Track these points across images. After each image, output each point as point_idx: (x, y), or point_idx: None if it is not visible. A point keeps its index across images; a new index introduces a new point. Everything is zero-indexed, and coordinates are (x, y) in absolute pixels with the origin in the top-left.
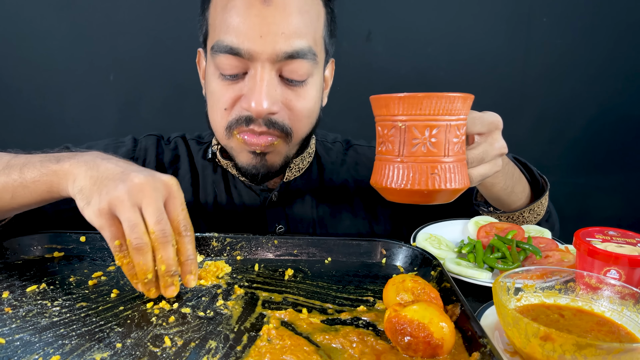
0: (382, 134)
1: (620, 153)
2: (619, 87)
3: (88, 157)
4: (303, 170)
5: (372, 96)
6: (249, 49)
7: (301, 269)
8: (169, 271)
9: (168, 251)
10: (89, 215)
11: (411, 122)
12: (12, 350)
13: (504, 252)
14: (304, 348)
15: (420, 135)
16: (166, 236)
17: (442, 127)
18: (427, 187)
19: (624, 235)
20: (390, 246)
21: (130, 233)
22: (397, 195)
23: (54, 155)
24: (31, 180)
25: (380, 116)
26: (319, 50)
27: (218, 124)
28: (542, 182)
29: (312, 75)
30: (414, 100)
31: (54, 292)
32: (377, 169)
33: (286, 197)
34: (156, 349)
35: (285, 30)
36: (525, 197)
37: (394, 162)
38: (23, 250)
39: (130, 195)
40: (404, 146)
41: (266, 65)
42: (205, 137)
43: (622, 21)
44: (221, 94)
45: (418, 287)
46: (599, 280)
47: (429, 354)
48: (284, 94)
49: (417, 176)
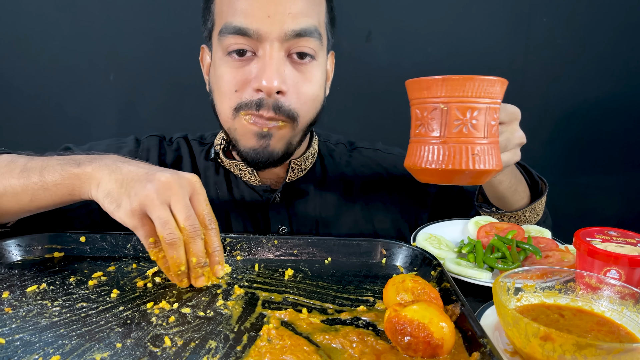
0: (421, 117)
1: (620, 153)
2: (618, 87)
3: (109, 161)
4: (306, 170)
5: (410, 80)
6: (258, 29)
7: (301, 269)
8: (200, 263)
9: (198, 244)
10: (122, 217)
11: (453, 103)
12: (12, 350)
13: (504, 252)
14: (304, 348)
15: (462, 117)
16: (196, 230)
17: (483, 109)
18: (467, 167)
19: (624, 235)
20: (390, 246)
21: (163, 230)
22: (436, 175)
23: (73, 158)
24: (52, 183)
25: (419, 99)
26: (323, 33)
27: (226, 104)
28: (541, 183)
29: (318, 56)
30: (457, 82)
31: (54, 292)
32: (413, 151)
33: (289, 197)
34: (156, 349)
35: (292, 11)
36: (527, 197)
37: (434, 143)
38: (23, 250)
39: (159, 194)
40: (445, 127)
41: (275, 45)
42: (207, 138)
43: (621, 21)
44: (231, 76)
45: (418, 287)
46: (599, 280)
47: (429, 354)
48: (291, 74)
49: (459, 157)
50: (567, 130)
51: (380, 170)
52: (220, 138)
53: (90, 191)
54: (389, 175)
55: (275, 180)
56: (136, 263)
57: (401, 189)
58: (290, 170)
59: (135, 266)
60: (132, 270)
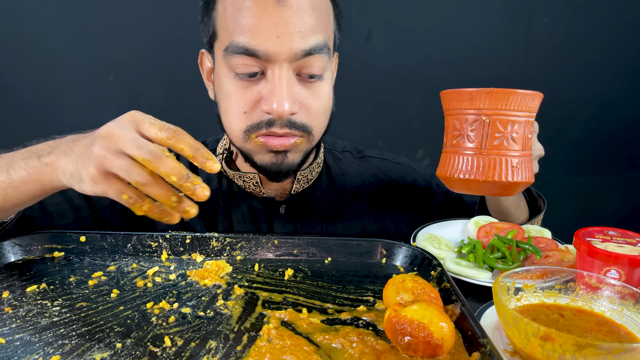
0: (460, 127)
1: (620, 153)
2: (619, 87)
3: (63, 146)
4: (312, 181)
5: (448, 90)
6: (266, 50)
7: (301, 269)
8: (181, 177)
9: (165, 162)
10: (88, 188)
11: (495, 116)
12: (12, 350)
13: (504, 252)
14: (304, 348)
15: (503, 129)
16: (154, 153)
17: (522, 122)
18: (506, 179)
19: (624, 235)
20: (390, 246)
21: (129, 176)
22: (473, 186)
23: (34, 150)
24: (19, 180)
25: (458, 109)
26: (331, 44)
27: (236, 127)
28: (539, 200)
29: (327, 70)
30: (500, 95)
31: (54, 292)
32: (449, 161)
33: (294, 209)
34: (156, 349)
35: (301, 29)
36: (527, 213)
37: (473, 154)
38: (23, 250)
39: (106, 148)
40: (486, 139)
41: (284, 66)
42: (209, 145)
43: (622, 21)
44: (239, 97)
45: (418, 287)
46: (599, 280)
47: (429, 354)
48: (300, 93)
49: (498, 168)
50: (567, 130)
51: (388, 181)
52: (222, 147)
53: (61, 180)
54: (397, 186)
55: (280, 192)
56: (136, 263)
57: (407, 201)
58: (295, 181)
59: (135, 266)
60: (132, 270)
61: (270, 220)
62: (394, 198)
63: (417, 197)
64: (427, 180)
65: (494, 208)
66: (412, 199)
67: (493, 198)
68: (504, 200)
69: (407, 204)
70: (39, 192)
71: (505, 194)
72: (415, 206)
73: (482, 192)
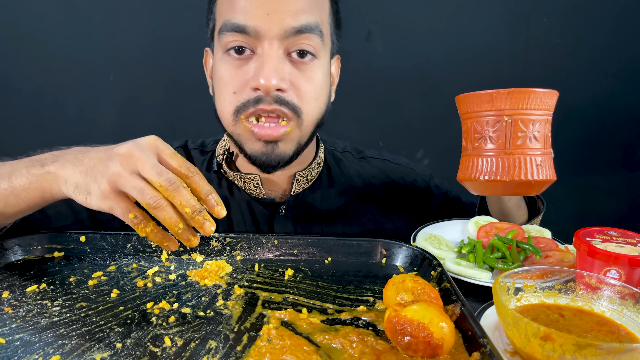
0: (481, 129)
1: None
2: (618, 87)
3: (70, 156)
4: (312, 181)
5: (465, 94)
6: (256, 27)
7: (301, 269)
8: (194, 210)
9: (183, 194)
10: (95, 202)
11: (517, 115)
12: (12, 350)
13: (504, 252)
14: (304, 348)
15: (525, 129)
16: (173, 183)
17: (543, 121)
18: (533, 178)
19: (624, 235)
20: (390, 246)
21: (143, 197)
22: (499, 187)
23: (38, 159)
24: (21, 188)
25: (478, 112)
26: (326, 32)
27: (226, 108)
28: (538, 201)
29: (319, 56)
30: (521, 95)
31: (54, 292)
32: (472, 164)
33: (295, 210)
34: (156, 349)
35: (291, 8)
36: (526, 214)
37: (496, 155)
38: (23, 250)
39: (124, 167)
40: (509, 139)
41: (274, 43)
42: (208, 145)
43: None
44: (230, 78)
45: (418, 287)
46: (599, 280)
47: (429, 354)
48: (291, 73)
49: (524, 168)
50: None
51: (388, 181)
52: (222, 147)
53: (61, 190)
54: (397, 186)
55: (280, 193)
56: (136, 263)
57: (407, 202)
58: (295, 182)
59: (135, 266)
60: (132, 270)
61: (270, 221)
62: (394, 199)
63: (417, 198)
64: (426, 180)
65: (496, 209)
66: (411, 200)
67: (496, 199)
68: (507, 202)
69: (407, 204)
70: (38, 201)
71: (529, 193)
72: (414, 207)
73: (507, 193)
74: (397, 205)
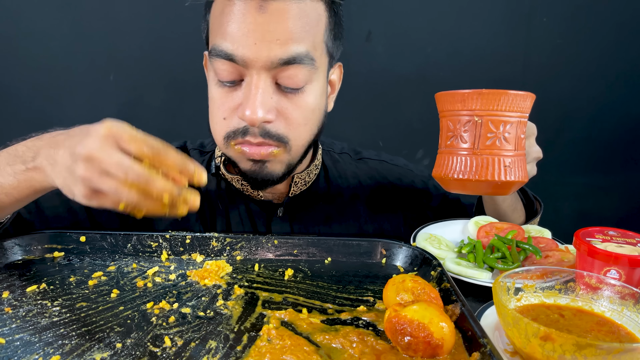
0: (453, 128)
1: (620, 153)
2: (619, 87)
3: (45, 153)
4: (309, 183)
5: (442, 92)
6: (243, 56)
7: (301, 269)
8: (173, 194)
9: (155, 184)
10: (83, 202)
11: (487, 116)
12: (12, 350)
13: (504, 252)
14: (304, 348)
15: (495, 130)
16: (141, 175)
17: (514, 122)
18: (499, 179)
19: (624, 235)
20: (390, 246)
21: (119, 198)
22: (467, 186)
23: (15, 154)
24: (10, 187)
25: (452, 111)
26: (319, 55)
27: (218, 133)
28: (536, 203)
29: (311, 81)
30: (492, 96)
31: (54, 292)
32: (444, 162)
33: (292, 212)
34: (156, 349)
35: (280, 37)
36: (524, 216)
37: (466, 154)
38: (23, 250)
39: (90, 171)
40: (479, 139)
41: (261, 73)
42: (207, 146)
43: (622, 21)
44: (220, 102)
45: (418, 287)
46: (599, 280)
47: (429, 354)
48: (279, 102)
49: (491, 168)
50: (567, 130)
51: (386, 182)
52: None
53: (52, 182)
54: (394, 188)
55: (278, 195)
56: (136, 263)
57: (405, 202)
58: (293, 184)
59: (135, 266)
60: (132, 270)
61: (268, 222)
62: (392, 200)
63: (415, 199)
64: (425, 181)
65: (491, 210)
66: (409, 201)
67: (490, 200)
68: (500, 203)
69: (405, 205)
70: (32, 195)
71: (499, 193)
72: (412, 208)
73: (478, 192)
74: (394, 206)
